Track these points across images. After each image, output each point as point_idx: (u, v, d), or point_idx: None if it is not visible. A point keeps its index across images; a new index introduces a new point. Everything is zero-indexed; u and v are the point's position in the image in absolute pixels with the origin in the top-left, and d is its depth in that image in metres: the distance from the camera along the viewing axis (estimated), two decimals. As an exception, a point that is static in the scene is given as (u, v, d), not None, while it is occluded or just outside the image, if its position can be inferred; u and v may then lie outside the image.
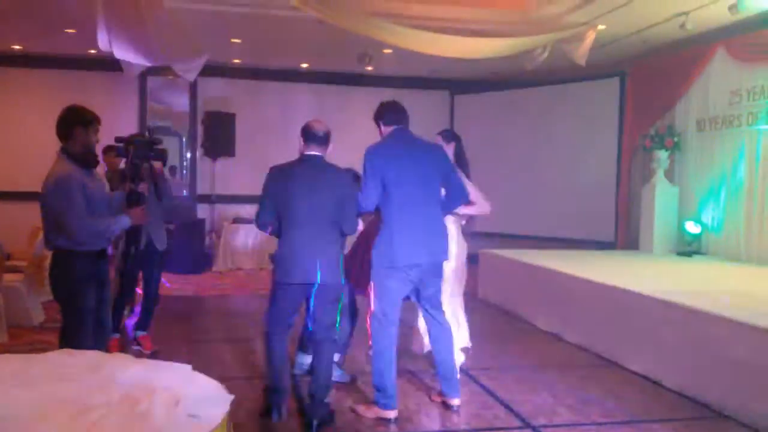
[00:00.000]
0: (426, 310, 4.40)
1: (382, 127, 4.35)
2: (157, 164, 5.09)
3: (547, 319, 6.75)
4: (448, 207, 4.43)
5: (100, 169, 4.22)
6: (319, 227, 3.97)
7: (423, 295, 4.34)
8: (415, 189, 4.16)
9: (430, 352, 4.84)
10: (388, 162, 4.13)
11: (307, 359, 4.92)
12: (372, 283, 4.24)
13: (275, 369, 4.11)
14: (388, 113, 4.33)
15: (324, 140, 4.07)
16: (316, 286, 3.97)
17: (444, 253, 4.35)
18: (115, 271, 5.37)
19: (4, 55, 10.16)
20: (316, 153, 4.05)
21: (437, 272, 4.35)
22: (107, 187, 4.33)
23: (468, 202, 4.59)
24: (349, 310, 4.95)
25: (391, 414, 4.15)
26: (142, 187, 4.08)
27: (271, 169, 4.06)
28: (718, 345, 4.51)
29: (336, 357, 4.78)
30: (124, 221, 3.85)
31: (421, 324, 4.94)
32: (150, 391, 2.31)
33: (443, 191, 4.38)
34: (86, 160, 3.79)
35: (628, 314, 5.49)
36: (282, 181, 4.00)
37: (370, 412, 4.20)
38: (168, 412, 2.17)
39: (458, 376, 4.55)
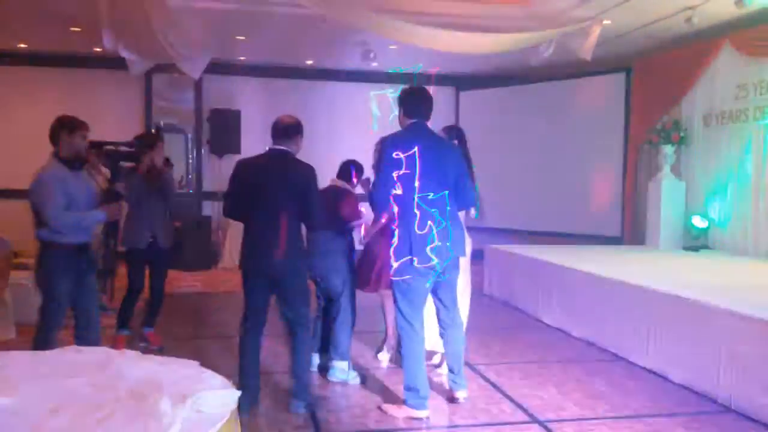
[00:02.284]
0: (441, 306, 4.36)
1: (401, 117, 4.23)
2: (157, 160, 5.28)
3: (554, 314, 6.75)
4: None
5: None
6: (278, 219, 4.04)
7: (439, 291, 4.30)
8: (433, 187, 4.07)
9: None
10: (404, 156, 4.00)
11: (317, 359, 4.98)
12: (396, 284, 4.16)
13: (242, 366, 4.19)
14: (410, 104, 4.20)
15: (286, 134, 4.15)
16: (278, 276, 4.08)
17: (462, 250, 4.31)
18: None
19: (10, 54, 10.18)
20: (281, 147, 4.15)
21: (455, 268, 4.32)
22: (97, 186, 4.68)
23: (470, 209, 4.56)
24: (351, 308, 4.95)
25: (423, 414, 4.13)
26: (119, 186, 4.55)
27: (237, 162, 4.24)
28: (725, 339, 4.50)
29: (342, 362, 4.83)
30: (99, 215, 4.25)
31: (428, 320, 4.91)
32: (158, 388, 2.32)
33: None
34: (72, 162, 4.20)
35: (635, 309, 5.48)
36: (244, 173, 4.16)
37: (401, 412, 4.16)
38: (176, 408, 2.17)
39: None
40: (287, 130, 4.17)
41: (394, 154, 4.02)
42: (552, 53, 7.87)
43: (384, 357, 5.33)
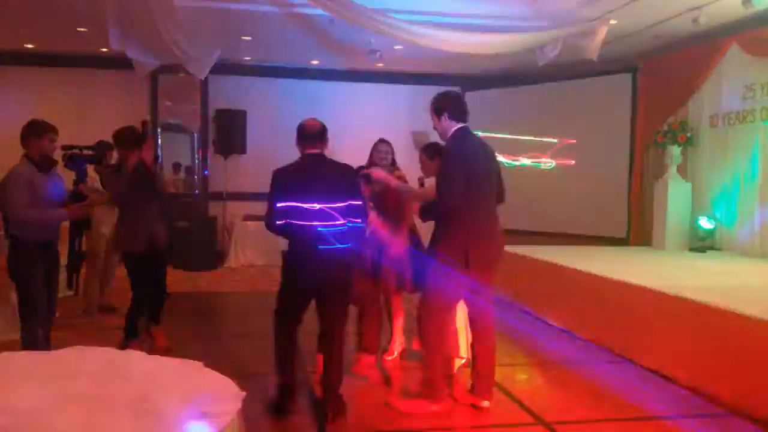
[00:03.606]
0: (478, 308, 4.35)
1: (446, 121, 4.23)
2: (147, 158, 5.28)
3: (560, 315, 6.73)
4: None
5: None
6: (329, 222, 4.00)
7: (479, 291, 4.29)
8: (489, 188, 4.22)
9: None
10: (468, 160, 4.10)
11: None
12: (431, 280, 4.18)
13: (281, 365, 4.20)
14: (456, 109, 4.24)
15: (319, 137, 4.12)
16: (325, 280, 4.03)
17: (501, 250, 4.38)
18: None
19: (17, 54, 10.21)
20: (314, 151, 4.10)
21: (495, 264, 4.35)
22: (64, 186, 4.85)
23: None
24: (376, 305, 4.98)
25: (442, 407, 4.19)
26: (83, 187, 4.82)
27: (274, 172, 4.10)
28: (732, 341, 4.47)
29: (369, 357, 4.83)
30: (61, 214, 4.54)
31: (460, 325, 4.88)
32: (162, 388, 2.32)
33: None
34: (42, 164, 4.47)
35: (641, 310, 5.45)
36: (289, 181, 4.05)
37: (419, 407, 4.20)
38: (180, 408, 2.17)
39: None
40: (320, 133, 4.13)
41: (462, 161, 4.06)
42: (558, 53, 7.85)
43: (390, 357, 5.32)
